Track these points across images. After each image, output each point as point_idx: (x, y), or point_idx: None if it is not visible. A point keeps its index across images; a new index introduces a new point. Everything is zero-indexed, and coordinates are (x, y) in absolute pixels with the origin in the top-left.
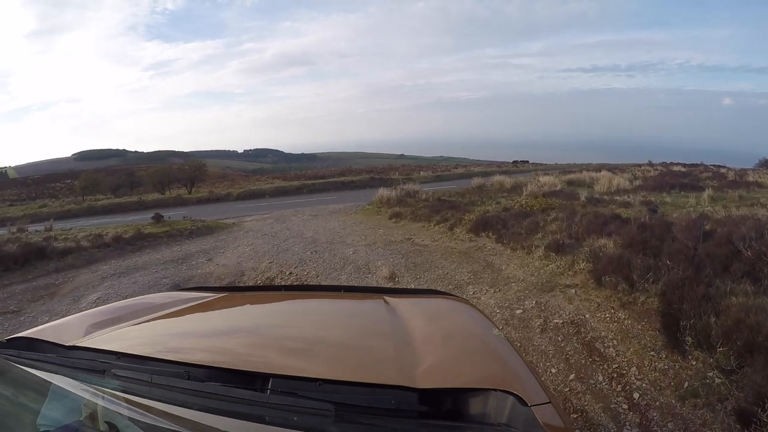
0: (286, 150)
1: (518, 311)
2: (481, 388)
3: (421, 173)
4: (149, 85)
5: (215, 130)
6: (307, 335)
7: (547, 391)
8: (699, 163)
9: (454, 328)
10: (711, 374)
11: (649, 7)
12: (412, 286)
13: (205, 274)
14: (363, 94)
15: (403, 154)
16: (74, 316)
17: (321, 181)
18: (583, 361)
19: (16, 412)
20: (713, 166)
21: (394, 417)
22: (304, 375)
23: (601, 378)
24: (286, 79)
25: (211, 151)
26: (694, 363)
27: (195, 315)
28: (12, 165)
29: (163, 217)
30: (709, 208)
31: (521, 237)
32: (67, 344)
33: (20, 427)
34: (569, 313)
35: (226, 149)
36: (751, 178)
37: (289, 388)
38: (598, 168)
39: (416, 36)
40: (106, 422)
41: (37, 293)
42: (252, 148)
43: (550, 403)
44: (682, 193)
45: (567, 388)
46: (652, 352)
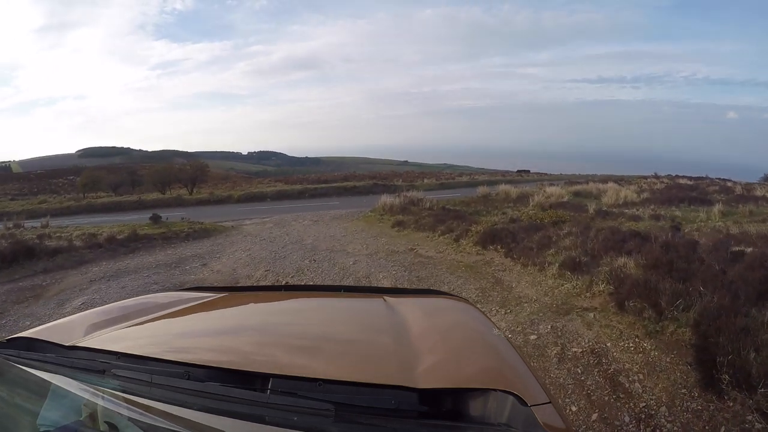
0: (290, 153)
1: (532, 337)
2: (481, 388)
3: (425, 180)
4: (156, 85)
5: (220, 131)
6: (307, 335)
7: (548, 391)
8: (705, 176)
9: (454, 327)
10: (750, 418)
11: (656, 19)
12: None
13: (198, 280)
14: (369, 100)
15: (407, 161)
16: (74, 316)
17: (323, 185)
18: (607, 398)
19: (16, 412)
20: (719, 179)
21: (394, 417)
22: (304, 375)
23: (627, 419)
24: (292, 82)
25: (215, 152)
26: (732, 404)
27: (195, 315)
28: (16, 159)
29: (161, 217)
30: (721, 224)
31: (532, 252)
32: (67, 344)
33: (20, 427)
34: (589, 341)
35: (230, 151)
36: (758, 193)
37: (289, 388)
38: (604, 179)
39: (423, 43)
40: (106, 422)
41: (22, 294)
42: (256, 150)
43: (550, 403)
44: (692, 207)
45: (590, 431)
46: (683, 390)
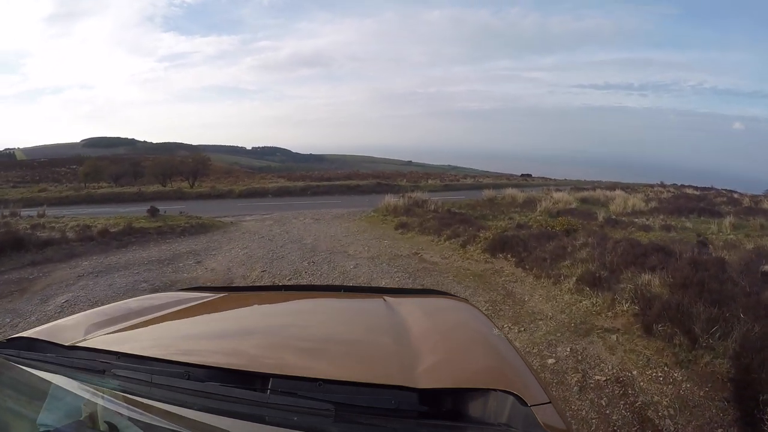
0: (295, 149)
1: (550, 360)
2: (482, 388)
3: (429, 181)
4: (163, 77)
5: (225, 126)
6: (307, 335)
7: (548, 391)
8: (710, 186)
9: (454, 327)
10: None
11: (664, 27)
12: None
13: (191, 278)
14: (374, 99)
15: (411, 161)
16: (74, 316)
17: (326, 183)
18: None
19: (16, 412)
20: (725, 190)
21: (394, 417)
22: (304, 375)
23: None
24: (298, 79)
25: (220, 145)
26: None
27: (195, 315)
28: (21, 147)
29: (159, 210)
30: (732, 237)
31: (546, 263)
32: (67, 344)
33: (20, 427)
34: (612, 368)
35: (235, 145)
36: (766, 206)
37: (289, 388)
38: (611, 186)
39: (430, 44)
40: (106, 422)
41: (7, 288)
42: (260, 145)
43: (550, 403)
44: (702, 219)
45: None
46: (719, 430)
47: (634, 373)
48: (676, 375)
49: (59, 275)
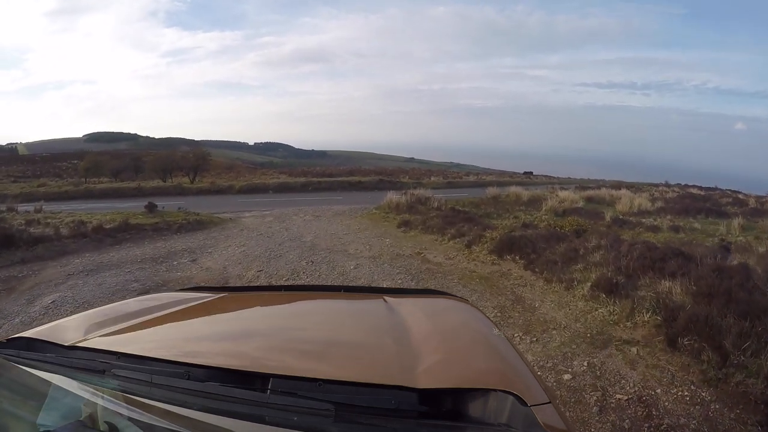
0: (297, 145)
1: (566, 376)
2: (482, 388)
3: (432, 179)
4: (165, 72)
5: (228, 121)
6: (307, 335)
7: (548, 391)
8: (715, 187)
9: (454, 327)
10: None
11: (668, 27)
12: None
13: (184, 278)
14: (377, 95)
15: (413, 158)
16: (74, 316)
17: (328, 179)
18: None
19: (16, 412)
20: (730, 191)
21: (394, 417)
22: (304, 375)
23: None
24: (301, 75)
25: (223, 141)
26: None
27: (195, 315)
28: (23, 141)
29: (157, 206)
30: (742, 238)
31: (557, 266)
32: (67, 344)
33: (20, 427)
34: (634, 385)
35: (237, 140)
36: None
37: (289, 388)
38: (616, 185)
39: (434, 41)
40: (106, 422)
41: None
42: (263, 141)
43: (550, 403)
44: (709, 219)
45: None
46: None
47: (658, 391)
48: (703, 394)
49: (49, 273)
